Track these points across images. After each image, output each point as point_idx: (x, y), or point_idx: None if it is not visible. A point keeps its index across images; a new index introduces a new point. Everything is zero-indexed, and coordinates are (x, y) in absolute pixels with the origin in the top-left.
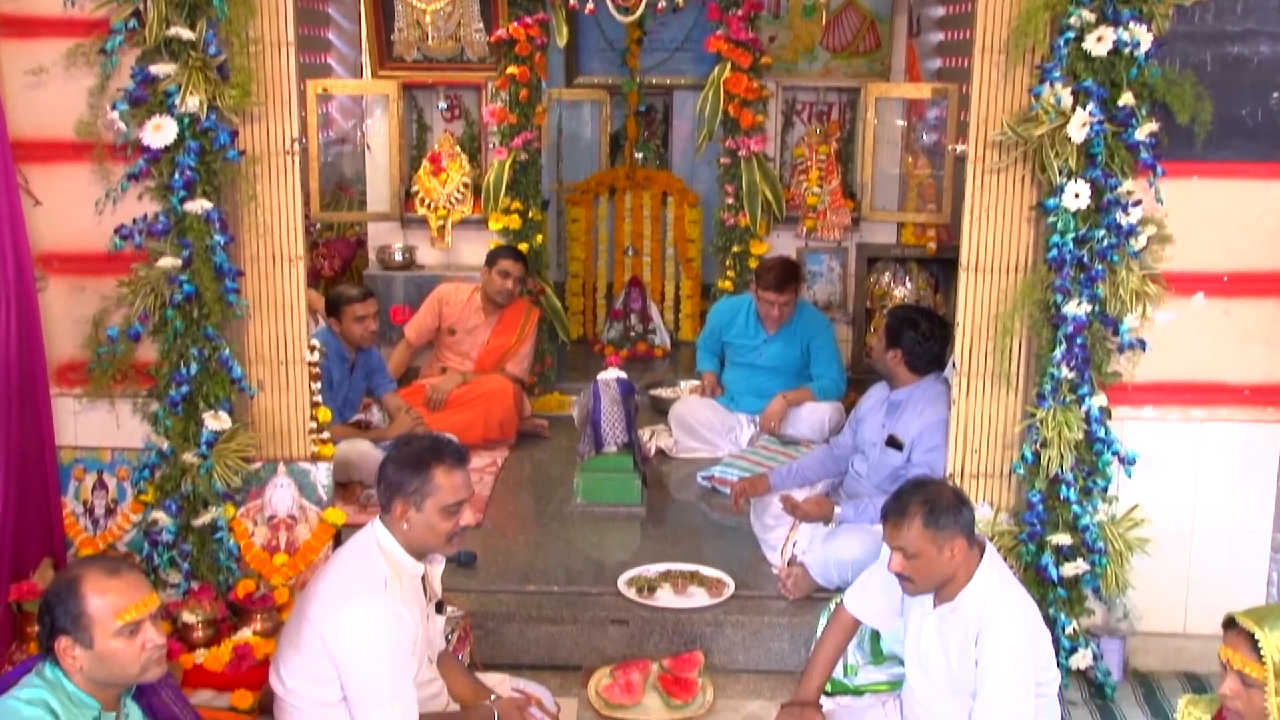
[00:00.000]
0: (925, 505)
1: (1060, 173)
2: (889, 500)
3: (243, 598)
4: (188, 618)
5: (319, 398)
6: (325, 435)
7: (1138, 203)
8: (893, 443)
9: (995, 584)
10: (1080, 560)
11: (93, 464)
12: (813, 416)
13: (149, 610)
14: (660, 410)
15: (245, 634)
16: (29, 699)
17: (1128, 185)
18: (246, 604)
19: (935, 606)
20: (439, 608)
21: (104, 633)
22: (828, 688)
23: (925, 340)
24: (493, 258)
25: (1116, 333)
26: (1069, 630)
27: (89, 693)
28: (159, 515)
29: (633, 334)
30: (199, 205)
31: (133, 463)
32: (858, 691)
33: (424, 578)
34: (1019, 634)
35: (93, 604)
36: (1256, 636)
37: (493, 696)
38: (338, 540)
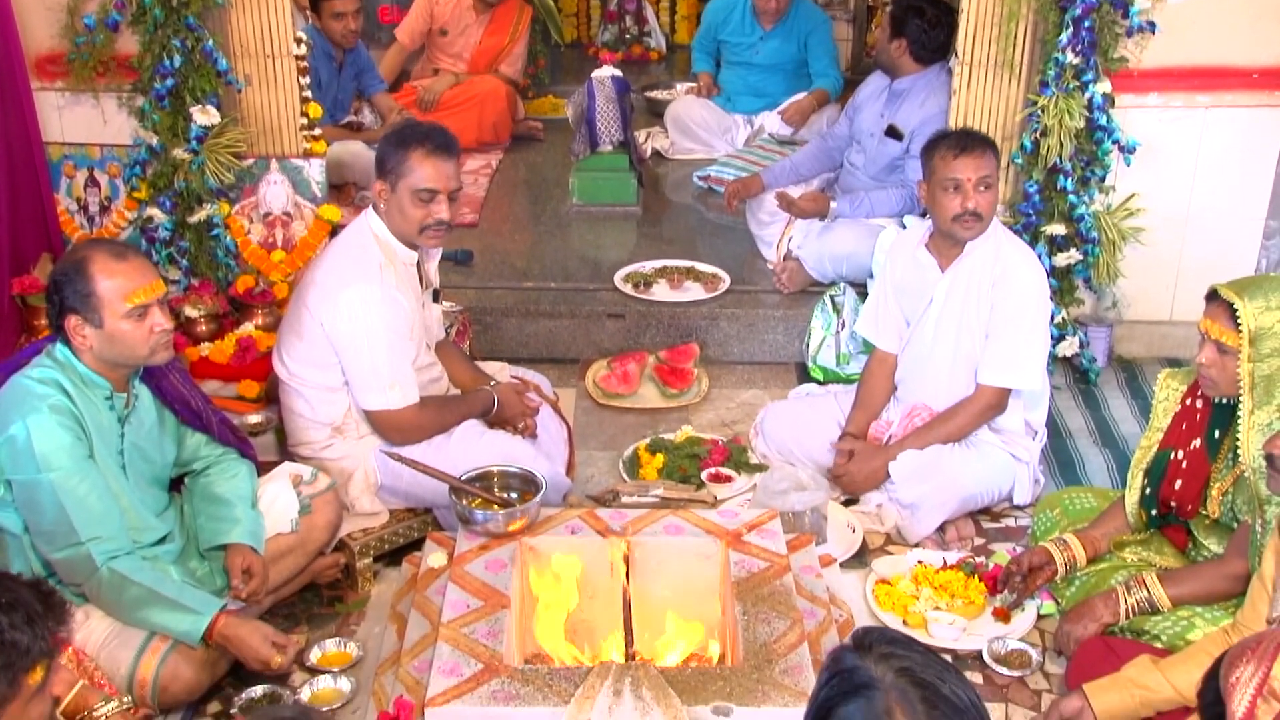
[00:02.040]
0: (990, 140)
1: None
2: (957, 137)
3: (243, 293)
4: (190, 312)
5: (308, 93)
6: (317, 132)
7: None
8: (892, 132)
9: (1003, 231)
10: (1073, 250)
11: (82, 160)
12: (818, 121)
13: (156, 295)
14: (656, 113)
15: (248, 328)
16: (41, 378)
17: None
18: (246, 299)
19: (944, 271)
20: (435, 296)
21: (113, 314)
22: (820, 376)
23: (931, 29)
24: None
25: (1126, 15)
26: (1057, 319)
27: (99, 373)
28: (154, 212)
29: (628, 36)
30: None
31: (123, 159)
32: (849, 379)
33: (419, 265)
34: (1038, 274)
35: (101, 285)
36: (1235, 306)
37: (492, 382)
38: (334, 237)
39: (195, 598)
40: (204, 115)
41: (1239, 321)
